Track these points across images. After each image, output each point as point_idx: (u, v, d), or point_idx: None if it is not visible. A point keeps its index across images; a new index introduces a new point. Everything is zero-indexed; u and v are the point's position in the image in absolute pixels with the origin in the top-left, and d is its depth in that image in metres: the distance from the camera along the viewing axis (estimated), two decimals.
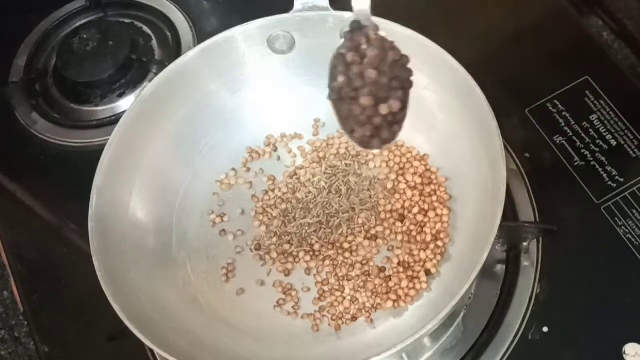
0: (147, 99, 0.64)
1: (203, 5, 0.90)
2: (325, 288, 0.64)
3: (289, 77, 0.69)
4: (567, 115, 0.72)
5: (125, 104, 0.82)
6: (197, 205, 0.68)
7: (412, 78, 0.49)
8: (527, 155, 0.71)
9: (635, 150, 0.69)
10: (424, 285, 0.62)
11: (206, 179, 0.69)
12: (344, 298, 0.63)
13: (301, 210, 0.67)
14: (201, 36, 0.85)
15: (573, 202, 0.68)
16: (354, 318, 0.62)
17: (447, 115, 0.64)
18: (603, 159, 0.69)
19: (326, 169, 0.68)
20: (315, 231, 0.65)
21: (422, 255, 0.63)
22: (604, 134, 0.71)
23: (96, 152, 0.61)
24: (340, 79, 0.49)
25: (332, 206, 0.66)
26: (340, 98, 0.49)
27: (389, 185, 0.66)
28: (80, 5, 0.91)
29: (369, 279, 0.63)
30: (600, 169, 0.69)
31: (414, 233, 0.64)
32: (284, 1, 0.65)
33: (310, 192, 0.67)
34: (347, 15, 0.63)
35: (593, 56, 0.76)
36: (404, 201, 0.65)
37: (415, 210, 0.64)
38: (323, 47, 0.65)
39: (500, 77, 0.73)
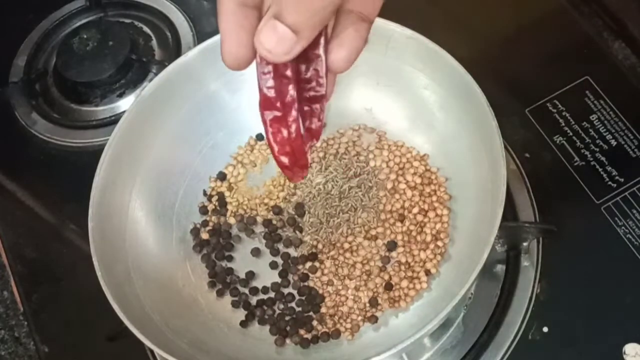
0: (147, 99, 0.64)
1: (203, 5, 0.90)
2: (330, 289, 0.63)
3: None
4: (567, 115, 0.72)
5: (125, 104, 0.82)
6: (197, 205, 0.68)
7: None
8: (527, 155, 0.71)
9: (635, 150, 0.69)
10: (424, 285, 0.61)
11: (206, 179, 0.69)
12: (347, 298, 0.63)
13: None
14: (201, 36, 0.85)
15: (573, 202, 0.68)
16: (362, 321, 0.61)
17: (447, 115, 0.64)
18: (603, 159, 0.69)
19: (326, 169, 0.68)
20: (315, 231, 0.65)
21: (422, 255, 0.62)
22: (604, 134, 0.71)
23: (96, 152, 0.61)
24: None
25: (332, 206, 0.66)
26: None
27: (389, 185, 0.66)
28: (80, 5, 0.91)
29: (369, 279, 0.63)
30: (600, 169, 0.69)
31: (414, 233, 0.64)
32: None
33: (310, 192, 0.67)
34: None
35: (593, 56, 0.76)
36: (404, 201, 0.65)
37: (415, 210, 0.64)
38: None
39: (500, 77, 0.73)
